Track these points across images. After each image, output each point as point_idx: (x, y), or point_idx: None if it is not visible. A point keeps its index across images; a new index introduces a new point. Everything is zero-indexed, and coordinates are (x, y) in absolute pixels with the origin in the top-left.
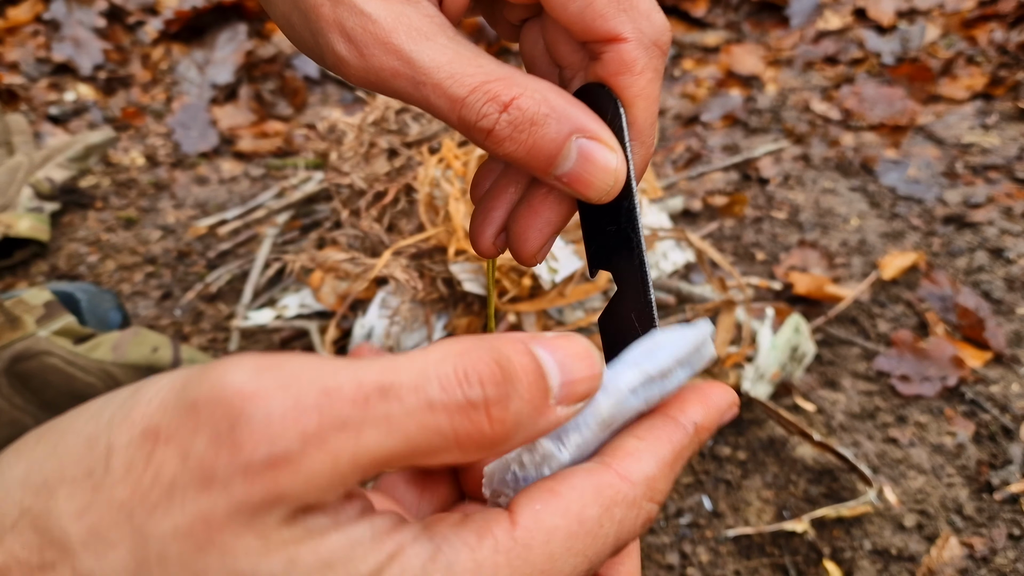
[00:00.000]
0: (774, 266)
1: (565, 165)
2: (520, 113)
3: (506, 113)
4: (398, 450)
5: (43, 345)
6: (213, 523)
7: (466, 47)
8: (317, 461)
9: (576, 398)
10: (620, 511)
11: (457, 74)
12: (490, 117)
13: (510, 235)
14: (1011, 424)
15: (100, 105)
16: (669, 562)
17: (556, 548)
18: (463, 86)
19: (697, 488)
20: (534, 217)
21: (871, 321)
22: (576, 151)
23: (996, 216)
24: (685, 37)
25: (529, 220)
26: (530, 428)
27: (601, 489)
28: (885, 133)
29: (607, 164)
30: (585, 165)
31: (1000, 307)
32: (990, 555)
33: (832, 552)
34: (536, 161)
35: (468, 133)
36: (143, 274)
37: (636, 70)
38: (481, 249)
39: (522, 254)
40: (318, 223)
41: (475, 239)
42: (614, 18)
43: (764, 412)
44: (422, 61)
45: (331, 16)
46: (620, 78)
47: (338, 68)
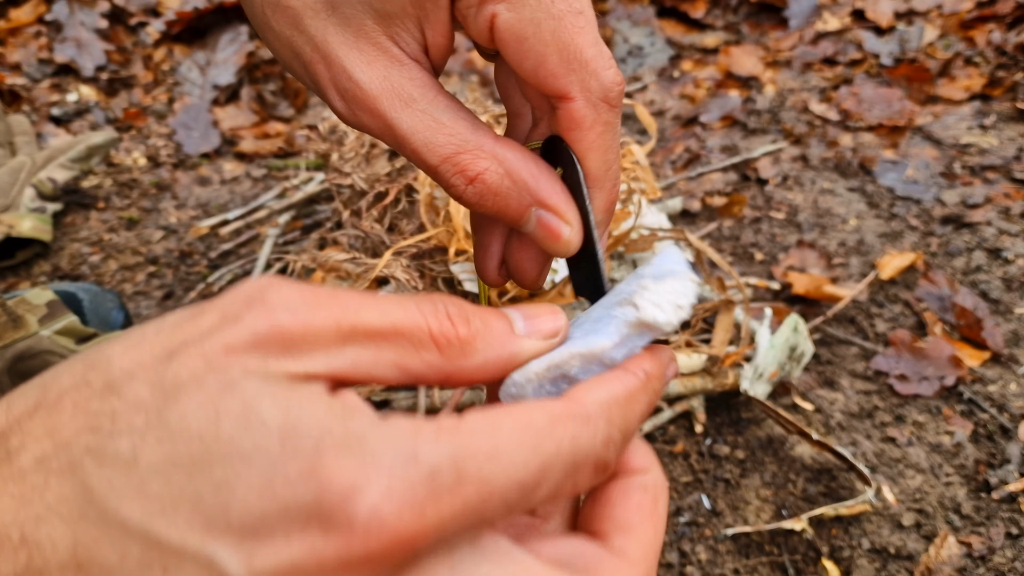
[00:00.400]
0: (772, 266)
1: (527, 227)
2: (484, 187)
3: (472, 185)
4: (384, 327)
5: (45, 344)
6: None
7: (443, 111)
8: (319, 319)
9: (543, 334)
10: (573, 425)
11: (431, 144)
12: (459, 187)
13: (509, 267)
14: (1009, 423)
15: (102, 106)
16: (668, 560)
17: (502, 440)
18: (435, 155)
19: (696, 487)
20: (525, 250)
21: (869, 321)
22: (535, 220)
23: (994, 216)
24: (684, 38)
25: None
26: (497, 347)
27: (551, 407)
28: (883, 134)
29: (560, 233)
30: (543, 232)
31: (998, 307)
32: (988, 554)
33: (830, 551)
34: (504, 220)
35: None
36: (145, 274)
37: (585, 126)
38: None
39: (524, 283)
40: (319, 223)
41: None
42: (563, 77)
43: (763, 411)
44: (401, 128)
45: (327, 76)
46: (572, 133)
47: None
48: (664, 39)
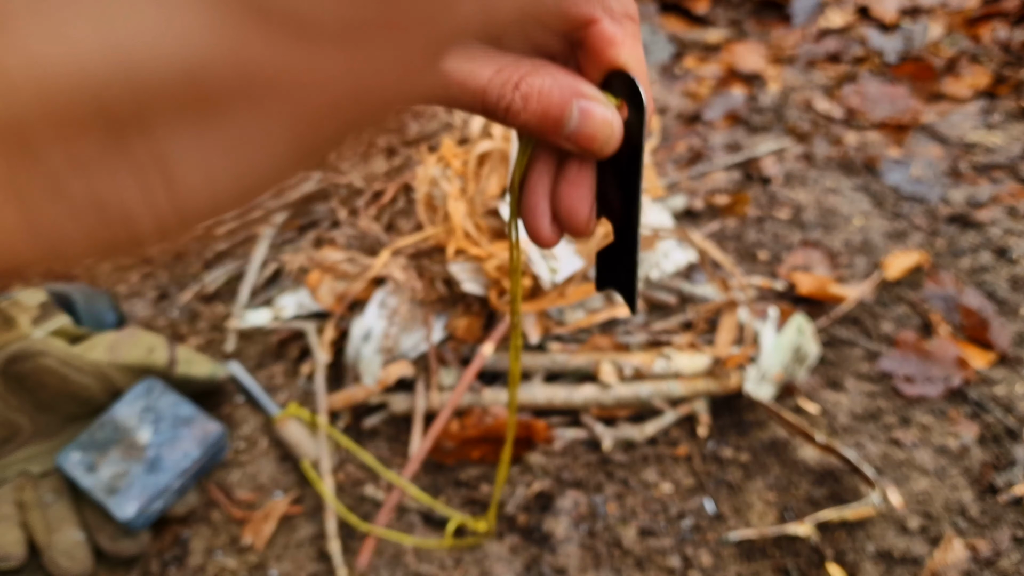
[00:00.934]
0: (776, 266)
1: (571, 124)
2: (529, 87)
3: (519, 89)
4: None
5: (38, 346)
6: None
7: (476, 48)
8: None
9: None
10: None
11: (474, 72)
12: (507, 96)
13: (560, 216)
14: (1015, 426)
15: None
16: (671, 565)
17: None
18: (481, 77)
19: (699, 490)
20: (572, 189)
21: (874, 322)
22: (578, 111)
23: (1000, 216)
24: (687, 35)
25: (570, 193)
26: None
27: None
28: (888, 132)
29: (604, 117)
30: (586, 121)
31: (1004, 307)
32: (994, 557)
33: (835, 555)
34: (548, 124)
35: (491, 114)
36: (139, 274)
37: (617, 41)
38: (543, 240)
39: (576, 228)
40: (316, 223)
41: (536, 235)
42: (584, 4)
43: (767, 414)
44: (446, 70)
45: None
46: (607, 52)
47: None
48: (666, 36)
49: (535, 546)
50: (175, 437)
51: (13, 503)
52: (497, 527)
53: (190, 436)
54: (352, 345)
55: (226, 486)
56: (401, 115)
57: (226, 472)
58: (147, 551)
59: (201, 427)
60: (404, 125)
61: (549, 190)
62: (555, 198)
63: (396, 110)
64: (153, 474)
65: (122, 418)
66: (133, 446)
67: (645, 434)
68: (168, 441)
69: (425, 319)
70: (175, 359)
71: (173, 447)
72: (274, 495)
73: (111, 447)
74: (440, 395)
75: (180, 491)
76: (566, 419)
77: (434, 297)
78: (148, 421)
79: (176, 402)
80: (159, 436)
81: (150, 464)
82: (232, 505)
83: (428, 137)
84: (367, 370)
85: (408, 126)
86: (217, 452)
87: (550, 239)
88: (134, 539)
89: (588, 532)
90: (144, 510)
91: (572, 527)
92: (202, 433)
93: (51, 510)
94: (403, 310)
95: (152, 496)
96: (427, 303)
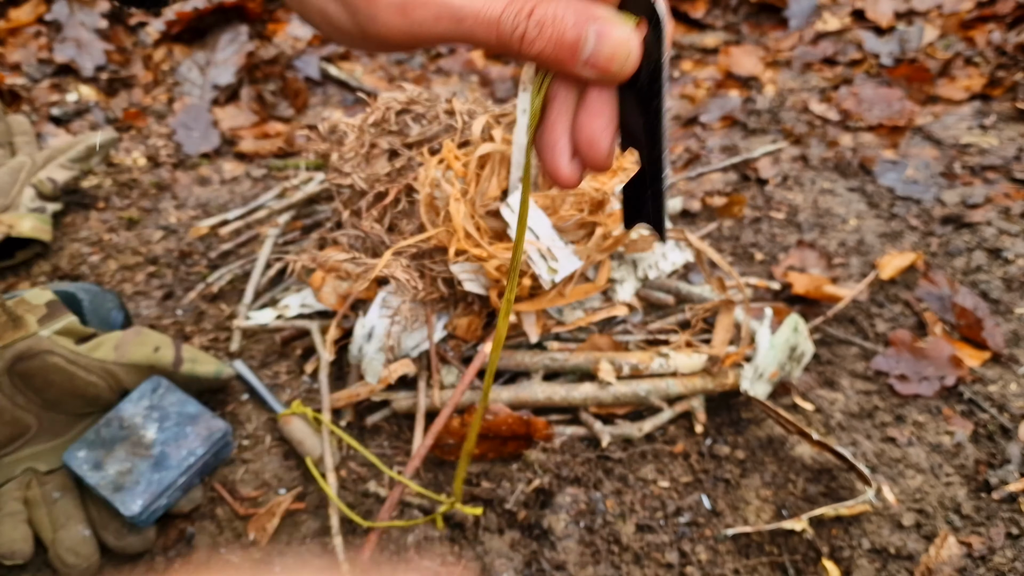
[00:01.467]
0: (773, 266)
1: (587, 49)
2: (543, 14)
3: (532, 17)
4: None
5: (45, 344)
6: None
7: None
8: None
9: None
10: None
11: (488, 4)
12: (520, 25)
13: (581, 149)
14: (1009, 424)
15: (102, 106)
16: (668, 560)
17: None
18: (495, 8)
19: (696, 487)
20: (592, 119)
21: (869, 321)
22: (594, 34)
23: (994, 216)
24: (684, 38)
25: (590, 123)
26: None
27: None
28: (883, 134)
29: (620, 36)
30: (602, 44)
31: (998, 307)
32: (988, 554)
33: (831, 551)
34: (564, 52)
35: (506, 47)
36: (145, 274)
37: None
38: (564, 178)
39: (598, 161)
40: (319, 223)
41: (556, 175)
42: None
43: (763, 411)
44: (457, 3)
45: None
46: None
47: (380, 36)
48: None
49: (535, 542)
50: (180, 434)
51: (20, 500)
52: (497, 523)
53: (195, 434)
54: (355, 344)
55: (230, 483)
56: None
57: (231, 469)
58: (152, 547)
59: (206, 425)
60: (406, 127)
61: (568, 126)
62: (575, 131)
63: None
64: (158, 471)
65: (128, 415)
66: (139, 443)
67: (643, 431)
68: (173, 438)
69: (427, 318)
70: (181, 358)
71: (178, 444)
72: (278, 492)
73: (117, 445)
74: (442, 393)
75: (185, 488)
76: (565, 417)
77: (436, 297)
78: (154, 419)
79: (182, 400)
80: (164, 433)
81: (155, 461)
82: (236, 501)
83: (430, 139)
84: (370, 368)
85: (410, 128)
86: (221, 449)
87: (570, 177)
88: (140, 535)
89: (587, 528)
90: (149, 506)
91: (571, 523)
92: (207, 431)
93: (57, 507)
94: (405, 309)
95: (157, 493)
96: (429, 303)
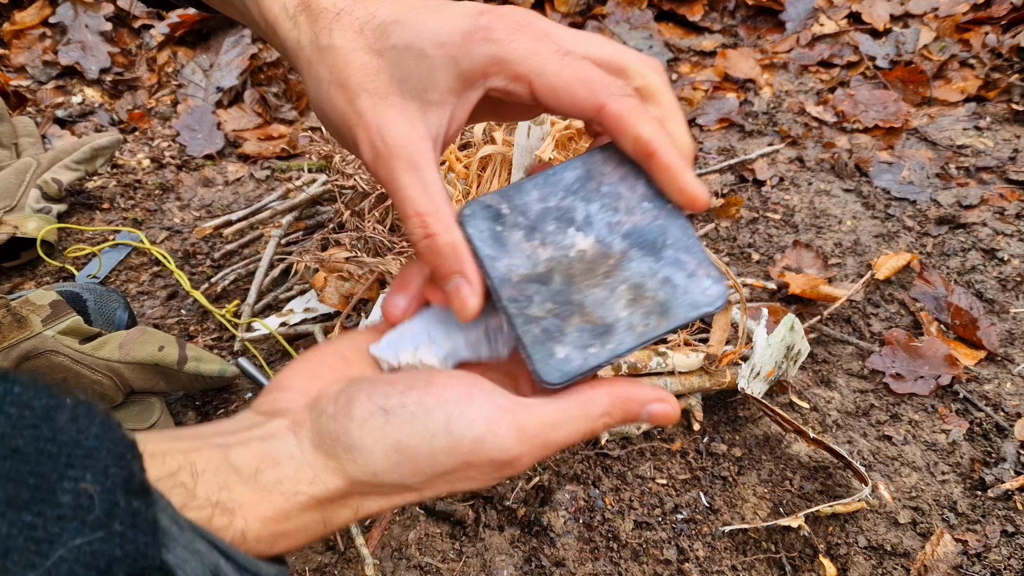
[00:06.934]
0: (769, 266)
1: (449, 287)
2: (433, 244)
3: (425, 240)
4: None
5: (49, 344)
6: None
7: (432, 183)
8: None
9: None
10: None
11: (414, 200)
12: (416, 235)
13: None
14: (1004, 422)
15: (107, 108)
16: (667, 557)
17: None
18: (413, 209)
19: (693, 484)
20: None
21: (865, 320)
22: (454, 284)
23: (989, 217)
24: (682, 42)
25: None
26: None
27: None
28: (879, 135)
29: (465, 299)
30: (455, 294)
31: (993, 307)
32: (984, 551)
33: (827, 548)
34: (435, 274)
35: (406, 234)
36: (149, 274)
37: (623, 115)
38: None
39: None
40: (322, 224)
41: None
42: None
43: (760, 410)
44: (401, 183)
45: (365, 136)
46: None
47: (363, 162)
48: (662, 42)
49: (534, 538)
50: None
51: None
52: (497, 520)
53: None
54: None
55: None
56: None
57: None
58: None
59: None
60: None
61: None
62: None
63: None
64: None
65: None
66: None
67: (641, 429)
68: None
69: None
70: (185, 357)
71: None
72: None
73: None
74: None
75: None
76: None
77: None
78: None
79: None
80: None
81: None
82: None
83: None
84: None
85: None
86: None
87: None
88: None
89: (586, 525)
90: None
91: (570, 520)
92: None
93: None
94: None
95: None
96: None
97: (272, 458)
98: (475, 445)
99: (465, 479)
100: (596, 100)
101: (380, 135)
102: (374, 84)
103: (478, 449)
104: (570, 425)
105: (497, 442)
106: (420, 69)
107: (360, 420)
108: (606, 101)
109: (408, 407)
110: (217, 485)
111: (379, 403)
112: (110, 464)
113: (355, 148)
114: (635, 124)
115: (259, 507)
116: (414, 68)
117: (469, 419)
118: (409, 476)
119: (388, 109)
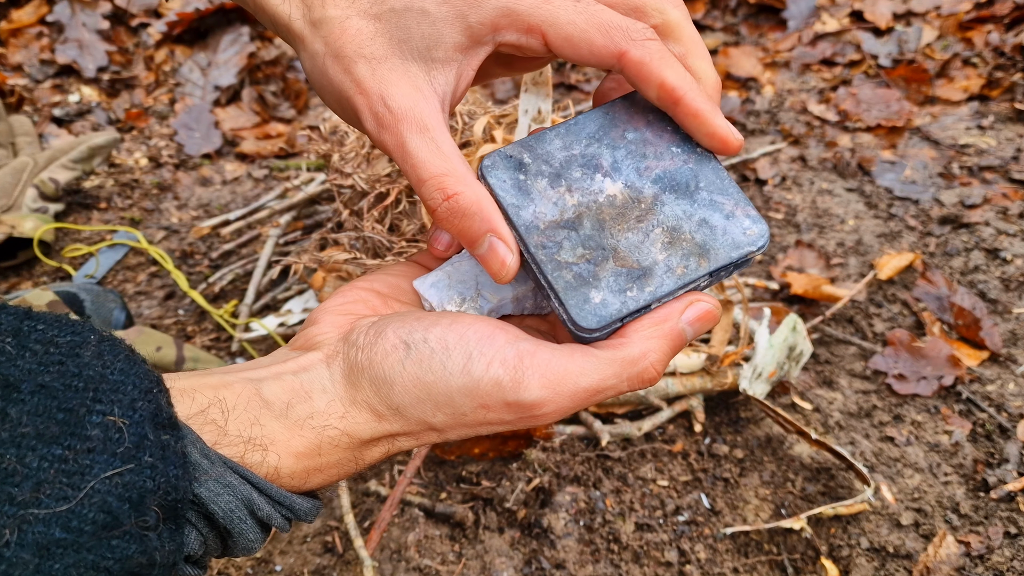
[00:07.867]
0: (771, 266)
1: (481, 250)
2: (456, 205)
3: (447, 202)
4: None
5: None
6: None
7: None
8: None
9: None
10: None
11: (428, 163)
12: (436, 200)
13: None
14: (1007, 423)
15: (104, 107)
16: (668, 559)
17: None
18: (428, 172)
19: (695, 486)
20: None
21: (867, 321)
22: (488, 244)
23: (992, 216)
24: None
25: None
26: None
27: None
28: (881, 134)
29: (503, 259)
30: (491, 255)
31: (996, 307)
32: (987, 553)
33: (829, 550)
34: (462, 240)
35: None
36: (147, 274)
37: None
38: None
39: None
40: (320, 224)
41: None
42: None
43: (761, 410)
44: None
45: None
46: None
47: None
48: None
49: (534, 540)
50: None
51: None
52: (497, 521)
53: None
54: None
55: None
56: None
57: None
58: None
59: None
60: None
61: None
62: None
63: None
64: None
65: None
66: None
67: (642, 431)
68: None
69: None
70: (183, 357)
71: None
72: None
73: None
74: None
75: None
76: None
77: None
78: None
79: None
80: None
81: None
82: None
83: None
84: None
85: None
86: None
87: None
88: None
89: (587, 527)
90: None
91: (571, 522)
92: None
93: None
94: None
95: None
96: None
97: (304, 391)
98: (492, 388)
99: (485, 423)
100: (615, 47)
101: (382, 101)
102: (371, 49)
103: (495, 392)
104: (602, 370)
105: (517, 386)
106: (422, 27)
107: (383, 353)
108: (626, 48)
109: (429, 343)
110: (248, 421)
111: (403, 336)
112: (137, 398)
113: (357, 120)
114: (659, 70)
115: (291, 443)
116: (415, 27)
117: (487, 360)
118: (430, 414)
119: (389, 73)
